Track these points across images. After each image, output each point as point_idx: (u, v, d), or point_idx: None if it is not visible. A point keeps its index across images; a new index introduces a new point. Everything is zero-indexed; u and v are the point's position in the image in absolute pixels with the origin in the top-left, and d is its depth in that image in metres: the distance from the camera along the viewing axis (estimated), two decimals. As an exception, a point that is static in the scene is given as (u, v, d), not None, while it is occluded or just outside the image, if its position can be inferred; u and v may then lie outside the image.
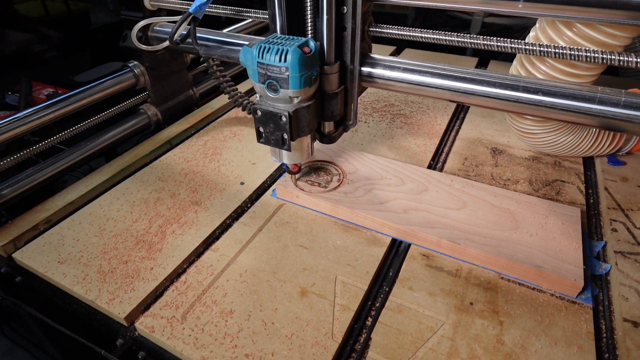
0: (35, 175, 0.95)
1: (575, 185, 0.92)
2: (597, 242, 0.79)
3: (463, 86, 0.72)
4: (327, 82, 0.75)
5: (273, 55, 0.66)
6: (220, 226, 0.84)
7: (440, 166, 1.01)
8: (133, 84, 1.15)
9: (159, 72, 1.18)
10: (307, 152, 0.82)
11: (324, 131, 0.83)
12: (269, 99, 0.72)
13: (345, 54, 0.76)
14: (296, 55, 0.65)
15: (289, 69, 0.66)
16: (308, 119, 0.73)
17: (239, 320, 0.65)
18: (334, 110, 0.78)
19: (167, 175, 0.98)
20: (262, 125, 0.74)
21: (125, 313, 0.66)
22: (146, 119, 1.20)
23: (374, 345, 0.62)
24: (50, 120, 0.96)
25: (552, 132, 0.91)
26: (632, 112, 0.62)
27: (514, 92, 0.68)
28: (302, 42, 0.67)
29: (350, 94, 0.81)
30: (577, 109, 0.65)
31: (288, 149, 0.75)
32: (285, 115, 0.70)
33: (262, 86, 0.71)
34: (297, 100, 0.71)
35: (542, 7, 0.64)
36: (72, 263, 0.76)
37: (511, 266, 0.70)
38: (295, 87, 0.68)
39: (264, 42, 0.68)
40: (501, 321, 0.64)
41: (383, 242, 0.78)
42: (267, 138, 0.75)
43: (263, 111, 0.72)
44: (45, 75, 1.79)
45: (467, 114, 1.21)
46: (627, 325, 0.63)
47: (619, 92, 0.64)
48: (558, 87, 0.66)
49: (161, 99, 1.22)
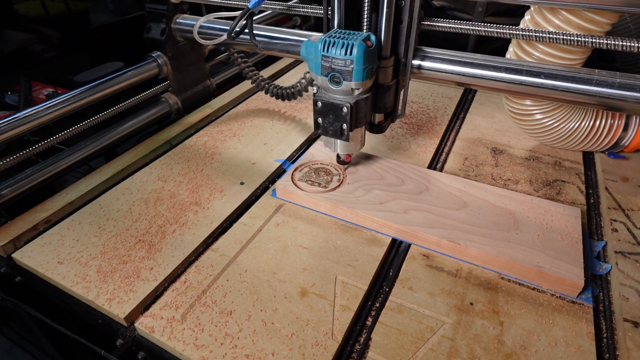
0: (35, 175, 0.95)
1: (576, 185, 0.92)
2: (598, 242, 0.79)
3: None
4: (383, 75, 0.78)
5: (339, 49, 0.69)
6: (220, 226, 0.84)
7: (440, 166, 1.00)
8: (156, 74, 1.20)
9: (180, 63, 1.24)
10: (361, 142, 0.86)
11: (374, 121, 0.86)
12: (330, 91, 0.75)
13: (400, 47, 0.79)
14: (362, 48, 0.68)
15: (353, 62, 0.69)
16: (365, 110, 0.77)
17: (239, 320, 0.65)
18: (387, 102, 0.81)
19: (167, 175, 0.98)
20: (322, 116, 0.77)
21: (125, 313, 0.66)
22: (167, 107, 1.25)
23: (374, 345, 0.62)
24: (51, 120, 0.96)
25: (548, 113, 0.93)
26: (626, 92, 0.71)
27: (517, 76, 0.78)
28: (365, 36, 0.70)
29: (401, 86, 0.85)
30: (576, 90, 0.74)
31: (346, 139, 0.78)
32: (347, 106, 0.73)
33: (325, 79, 0.73)
34: (357, 92, 0.74)
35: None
36: (71, 263, 0.76)
37: (511, 266, 0.70)
38: (358, 79, 0.71)
39: (328, 37, 0.71)
40: (501, 321, 0.64)
41: (383, 242, 0.78)
42: (326, 129, 0.78)
43: (324, 102, 0.75)
44: (45, 75, 1.78)
45: (467, 114, 1.21)
46: (627, 325, 0.63)
47: (614, 75, 0.72)
48: (558, 71, 0.75)
49: (181, 88, 1.27)
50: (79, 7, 2.02)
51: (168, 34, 1.17)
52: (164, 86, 1.24)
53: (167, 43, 1.17)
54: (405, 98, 0.87)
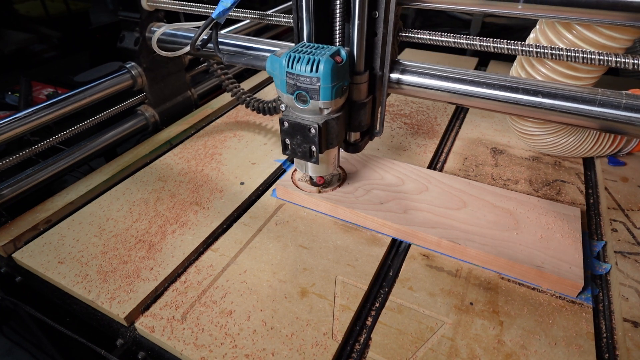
0: (35, 175, 0.95)
1: (576, 185, 0.92)
2: (597, 242, 0.79)
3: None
4: (357, 92, 0.72)
5: (304, 65, 0.63)
6: (220, 226, 0.84)
7: (440, 166, 1.00)
8: (130, 85, 1.14)
9: (156, 74, 1.18)
10: (334, 164, 0.80)
11: (350, 140, 0.80)
12: (297, 110, 0.69)
13: (375, 61, 0.72)
14: (329, 65, 0.62)
15: (320, 80, 0.63)
16: (337, 131, 0.70)
17: (239, 320, 0.65)
18: (362, 120, 0.75)
19: (167, 175, 0.98)
20: (289, 137, 0.71)
21: (125, 313, 0.66)
22: (144, 120, 1.19)
23: (374, 345, 0.62)
24: (50, 121, 0.96)
25: (552, 134, 0.90)
26: (633, 114, 0.62)
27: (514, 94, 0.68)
28: (334, 51, 0.64)
29: (378, 102, 0.77)
30: (577, 111, 0.65)
31: (316, 162, 0.72)
32: (315, 127, 0.67)
33: (291, 97, 0.67)
34: (327, 112, 0.68)
35: (541, 8, 0.64)
36: (72, 263, 0.76)
37: (511, 266, 0.70)
38: (326, 99, 0.65)
39: (294, 51, 0.64)
40: (501, 321, 0.64)
41: (383, 242, 0.78)
42: (294, 150, 0.72)
43: (291, 122, 0.69)
44: (45, 75, 1.78)
45: (467, 114, 1.21)
46: (627, 325, 0.63)
47: (619, 94, 0.63)
48: (558, 89, 0.66)
49: (159, 100, 1.21)
50: (79, 7, 2.02)
51: (142, 44, 1.10)
52: (139, 98, 1.18)
53: (142, 53, 1.10)
54: (383, 115, 0.79)
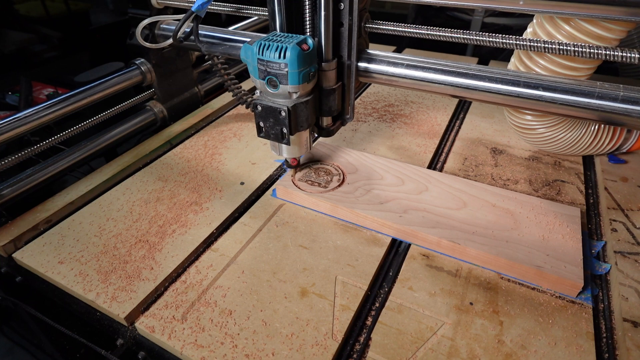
0: (35, 175, 0.95)
1: (575, 185, 0.92)
2: (597, 242, 0.79)
3: (458, 81, 0.74)
4: (325, 79, 0.77)
5: (273, 52, 0.69)
6: (220, 226, 0.84)
7: (440, 166, 1.01)
8: (140, 81, 1.17)
9: (165, 70, 1.20)
10: (306, 146, 0.84)
11: (322, 125, 0.85)
12: (268, 94, 0.74)
13: (343, 50, 0.78)
14: (295, 52, 0.67)
15: (288, 65, 0.68)
16: (307, 114, 0.76)
17: (239, 320, 0.65)
18: (332, 105, 0.80)
19: (167, 175, 0.98)
20: (262, 119, 0.76)
21: (126, 313, 0.66)
22: (152, 116, 1.22)
23: (374, 345, 0.62)
24: (51, 120, 0.96)
25: (551, 127, 0.91)
26: (630, 106, 0.64)
27: (515, 88, 0.70)
28: (301, 39, 0.69)
29: (347, 89, 0.83)
30: (576, 104, 0.67)
31: (287, 143, 0.78)
32: (284, 110, 0.72)
33: (262, 82, 0.73)
34: (295, 96, 0.73)
35: (541, 3, 0.67)
36: (72, 263, 0.76)
37: (511, 266, 0.70)
38: (294, 83, 0.70)
39: (264, 40, 0.70)
40: (501, 321, 0.64)
41: (383, 242, 0.78)
42: (267, 132, 0.78)
43: (263, 106, 0.74)
44: (45, 75, 1.79)
45: (467, 114, 1.21)
46: (627, 325, 0.63)
47: (617, 87, 0.65)
48: (558, 83, 0.68)
49: (167, 96, 1.24)
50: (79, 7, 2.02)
51: (151, 40, 1.12)
52: (148, 94, 1.21)
53: (151, 50, 1.12)
54: (353, 101, 0.84)
